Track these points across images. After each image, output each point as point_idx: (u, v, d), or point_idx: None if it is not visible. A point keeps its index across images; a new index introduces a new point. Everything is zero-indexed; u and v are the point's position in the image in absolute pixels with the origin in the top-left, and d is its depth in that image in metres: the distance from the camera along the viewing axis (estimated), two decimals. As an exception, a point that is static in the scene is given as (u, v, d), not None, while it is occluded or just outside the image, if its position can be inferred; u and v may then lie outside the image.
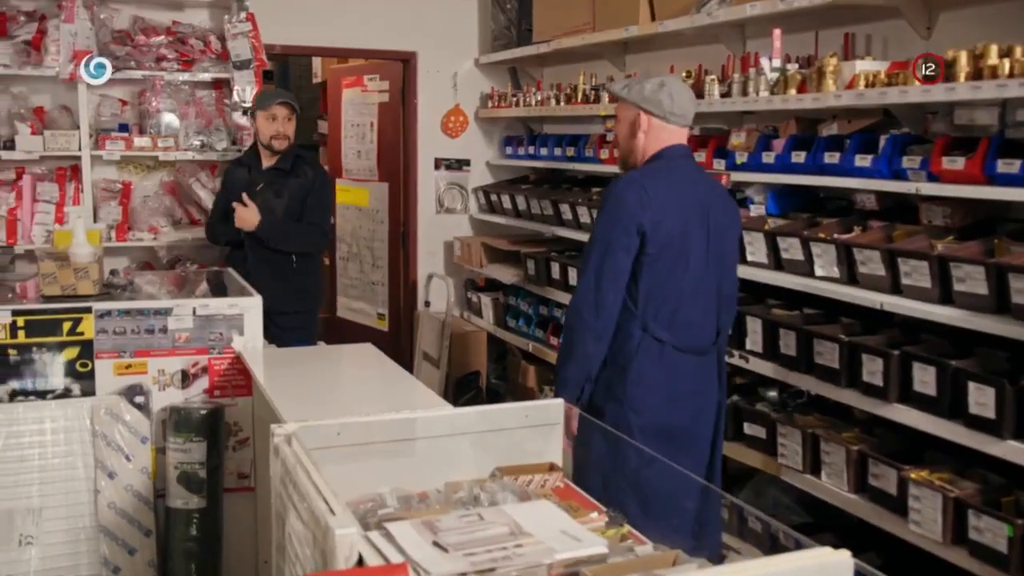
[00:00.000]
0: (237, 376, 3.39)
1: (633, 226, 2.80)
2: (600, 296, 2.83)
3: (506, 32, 5.74)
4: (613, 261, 2.82)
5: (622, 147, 3.04)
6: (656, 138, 2.94)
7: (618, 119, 3.04)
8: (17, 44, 4.87)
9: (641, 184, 2.84)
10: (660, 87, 2.92)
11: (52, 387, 3.19)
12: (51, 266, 3.17)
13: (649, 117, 2.93)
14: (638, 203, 2.81)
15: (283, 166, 4.53)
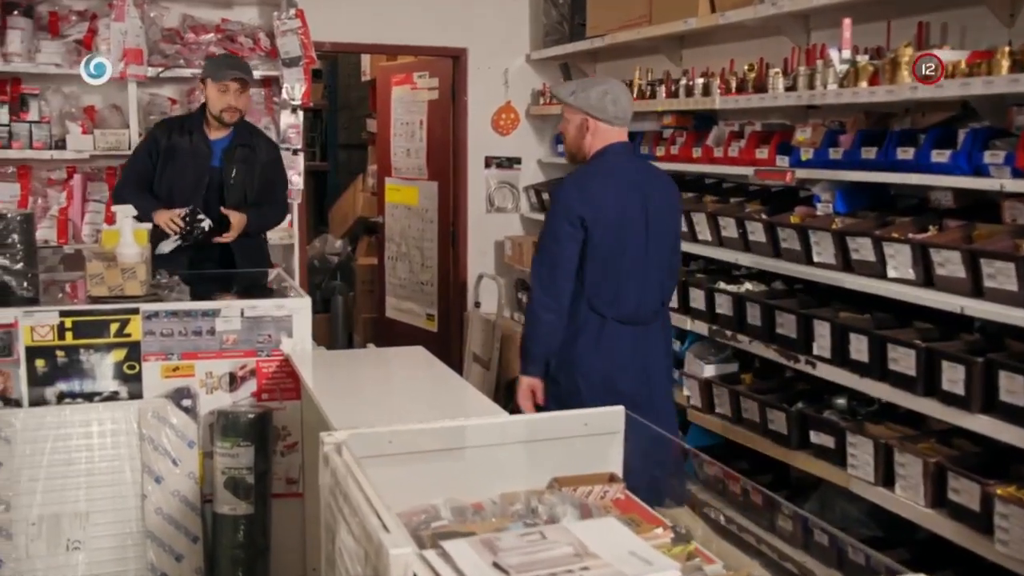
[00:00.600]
0: (285, 379, 3.31)
1: (576, 219, 3.18)
2: (554, 282, 3.21)
3: (558, 27, 5.61)
4: (561, 249, 3.20)
5: (571, 145, 3.37)
6: (601, 138, 3.28)
7: (566, 120, 3.34)
8: (68, 43, 4.85)
9: (581, 183, 3.25)
10: (604, 94, 3.26)
11: (99, 389, 3.14)
12: (98, 266, 3.11)
13: (596, 121, 3.26)
14: (578, 200, 3.20)
15: (247, 141, 4.23)
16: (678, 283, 3.94)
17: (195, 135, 4.19)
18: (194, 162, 4.17)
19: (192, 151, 4.16)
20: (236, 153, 4.21)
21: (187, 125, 4.24)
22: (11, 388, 3.05)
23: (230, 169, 4.18)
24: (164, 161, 4.16)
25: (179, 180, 4.15)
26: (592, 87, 3.28)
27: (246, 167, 4.22)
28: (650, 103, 4.63)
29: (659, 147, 4.74)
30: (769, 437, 3.60)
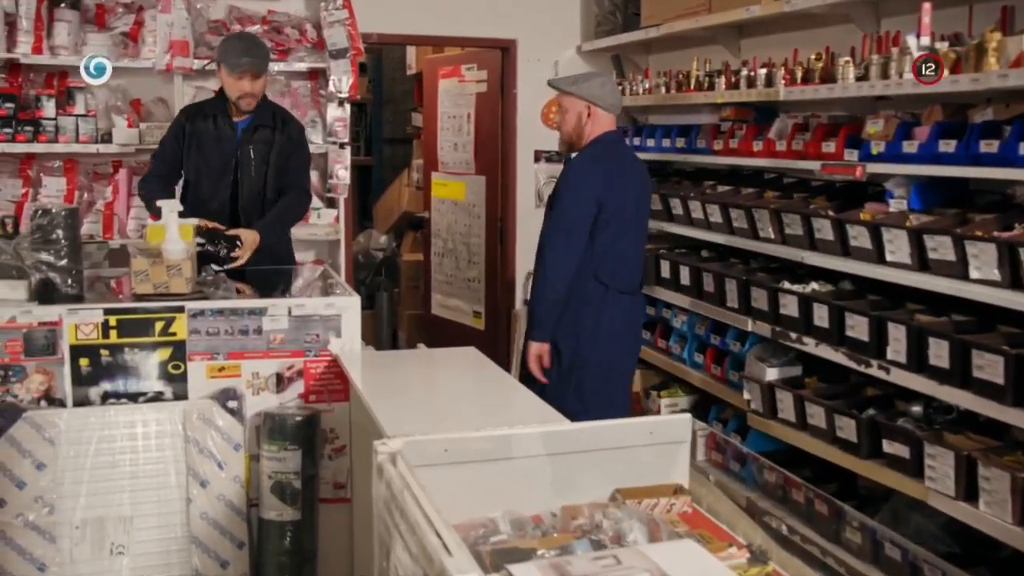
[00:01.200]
0: (334, 380, 3.21)
1: (594, 200, 3.55)
2: (569, 250, 3.55)
3: (610, 17, 5.45)
4: (578, 225, 3.55)
5: (569, 133, 3.70)
6: (600, 125, 3.66)
7: (565, 109, 3.68)
8: (115, 36, 4.79)
9: (601, 166, 3.59)
10: (603, 84, 3.68)
11: (144, 390, 3.05)
12: (143, 263, 3.02)
13: (597, 109, 3.63)
14: (600, 182, 3.55)
15: (265, 121, 4.04)
16: (739, 282, 4.00)
17: (219, 118, 4.02)
18: (219, 146, 4.02)
19: (216, 135, 4.02)
20: (255, 134, 4.03)
21: (209, 108, 4.07)
22: (55, 388, 2.98)
23: (247, 150, 4.01)
24: (190, 147, 4.02)
25: (205, 165, 4.02)
26: (591, 78, 3.70)
27: (265, 148, 4.03)
28: (708, 95, 4.46)
29: (717, 140, 4.57)
30: (837, 445, 3.43)
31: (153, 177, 4.05)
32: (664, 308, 4.76)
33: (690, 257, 4.60)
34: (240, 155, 4.01)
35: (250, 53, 3.89)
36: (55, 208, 2.96)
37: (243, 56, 3.87)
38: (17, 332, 2.93)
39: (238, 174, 4.01)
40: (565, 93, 3.67)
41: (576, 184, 3.58)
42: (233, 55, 3.88)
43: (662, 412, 4.76)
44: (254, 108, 3.98)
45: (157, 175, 4.05)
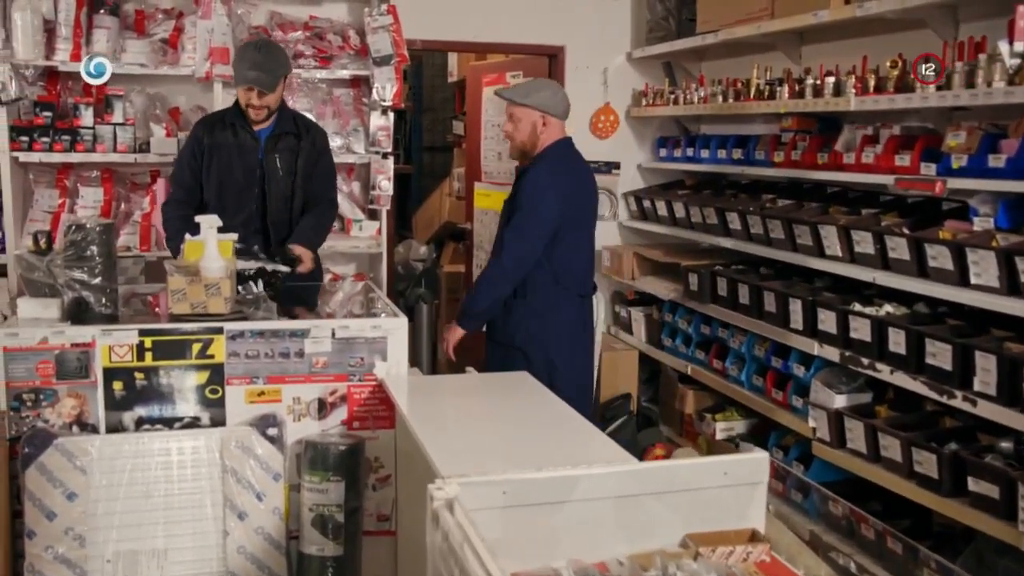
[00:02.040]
0: (379, 406, 3.04)
1: (556, 209, 3.64)
2: (525, 256, 3.64)
3: (663, 23, 5.25)
4: (540, 231, 3.63)
5: (524, 142, 3.76)
6: (552, 133, 3.75)
7: (518, 119, 3.73)
8: (154, 42, 4.66)
9: (561, 177, 3.69)
10: (555, 93, 3.78)
11: (180, 415, 2.90)
12: (180, 282, 2.86)
13: (550, 118, 3.72)
14: (561, 194, 3.65)
15: (288, 128, 3.87)
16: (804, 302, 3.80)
17: (239, 127, 3.83)
18: (240, 156, 3.84)
19: (237, 144, 3.83)
20: (279, 142, 3.86)
21: (228, 118, 3.88)
22: (88, 412, 2.83)
23: (272, 159, 3.84)
24: (210, 160, 3.83)
25: (227, 177, 3.83)
26: (542, 88, 3.79)
27: (290, 156, 3.87)
28: (769, 104, 4.24)
29: (777, 152, 4.35)
30: (915, 480, 3.19)
31: (173, 203, 3.89)
32: (720, 327, 4.54)
33: (748, 275, 4.37)
34: (265, 165, 3.85)
35: (258, 67, 3.69)
36: (89, 223, 2.82)
37: (250, 70, 3.69)
38: (49, 354, 2.79)
39: (264, 185, 3.85)
40: (519, 104, 3.72)
41: (540, 194, 3.63)
42: (241, 66, 3.72)
43: (717, 435, 4.54)
44: (273, 116, 3.86)
45: (177, 200, 3.89)
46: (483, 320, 3.76)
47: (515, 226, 3.64)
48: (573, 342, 3.80)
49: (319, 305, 3.57)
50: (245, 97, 3.75)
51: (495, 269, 3.67)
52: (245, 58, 3.74)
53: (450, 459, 2.32)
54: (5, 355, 2.77)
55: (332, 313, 3.68)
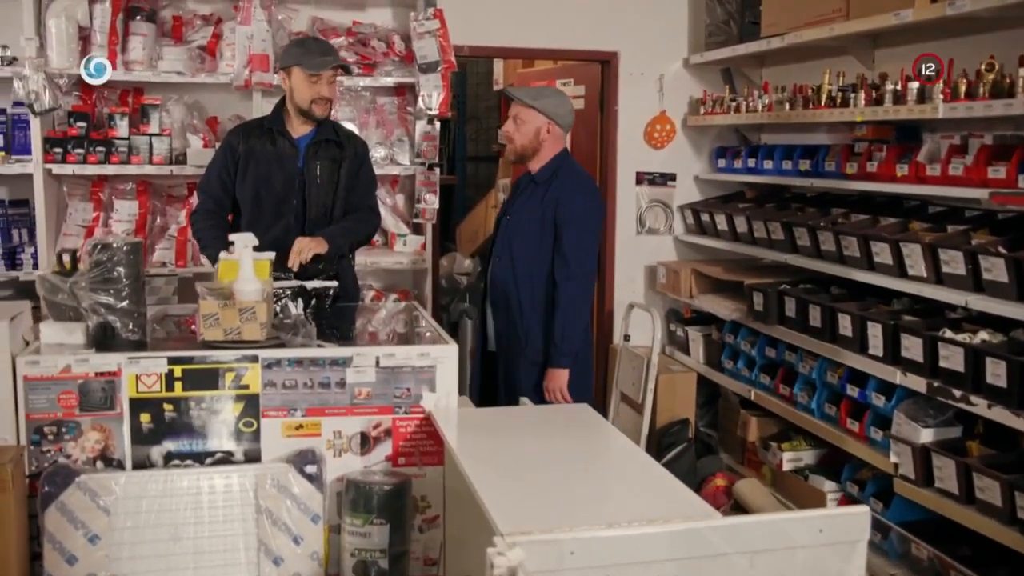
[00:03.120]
0: (426, 441, 2.79)
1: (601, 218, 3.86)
2: (593, 270, 3.70)
3: (723, 27, 4.97)
4: (597, 240, 3.75)
5: (524, 146, 3.66)
6: (555, 143, 3.68)
7: (523, 121, 3.64)
8: (192, 50, 4.48)
9: (592, 186, 3.79)
10: (563, 103, 3.68)
11: (211, 449, 2.67)
12: (213, 306, 2.64)
13: (556, 127, 3.65)
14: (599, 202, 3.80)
15: (329, 135, 3.66)
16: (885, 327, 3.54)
17: (277, 135, 3.62)
18: (279, 165, 3.61)
19: (276, 153, 3.61)
20: (320, 149, 3.64)
21: (266, 124, 3.67)
22: (113, 447, 2.61)
23: (313, 167, 3.62)
24: (245, 169, 3.61)
25: (265, 186, 3.60)
26: (551, 95, 3.70)
27: (332, 164, 3.65)
28: (843, 112, 3.94)
29: (849, 163, 4.05)
30: (1017, 527, 2.89)
31: (203, 212, 3.67)
32: (787, 350, 4.24)
33: (820, 295, 4.08)
34: (306, 173, 3.62)
35: (330, 52, 3.62)
36: (115, 242, 2.60)
37: (325, 55, 3.57)
38: (72, 383, 2.58)
39: (304, 194, 3.61)
40: (526, 106, 3.63)
41: (597, 208, 3.74)
42: (313, 55, 3.55)
43: (784, 466, 4.24)
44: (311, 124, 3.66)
45: (206, 210, 3.67)
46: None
47: (575, 242, 3.55)
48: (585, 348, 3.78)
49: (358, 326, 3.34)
50: (313, 92, 3.55)
51: (573, 294, 3.55)
52: (312, 48, 3.61)
53: (508, 509, 2.07)
54: (26, 384, 2.56)
55: (375, 333, 3.47)
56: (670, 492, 2.22)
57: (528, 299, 3.61)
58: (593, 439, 2.68)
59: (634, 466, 2.45)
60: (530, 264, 3.60)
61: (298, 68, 3.53)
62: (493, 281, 3.75)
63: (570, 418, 2.87)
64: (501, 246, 3.72)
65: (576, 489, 2.29)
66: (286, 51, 3.70)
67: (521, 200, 3.72)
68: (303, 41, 3.74)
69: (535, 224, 3.60)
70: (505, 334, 3.70)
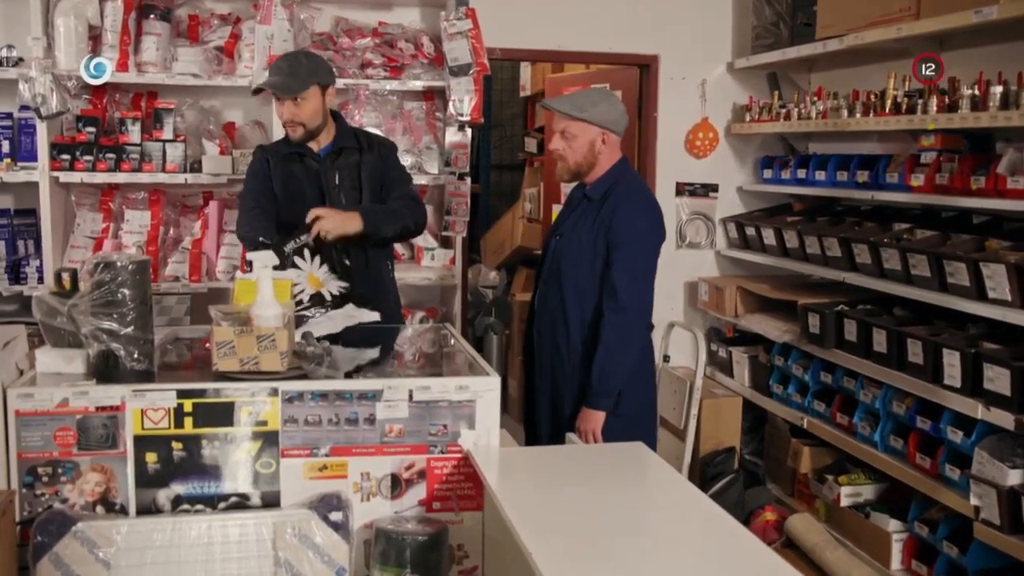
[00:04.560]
0: (464, 483, 2.50)
1: (660, 239, 3.28)
2: (648, 298, 3.24)
3: (772, 29, 4.67)
4: (653, 265, 3.25)
5: (579, 163, 3.25)
6: (613, 152, 3.28)
7: (573, 136, 3.22)
8: (208, 50, 4.21)
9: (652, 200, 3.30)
10: (614, 106, 3.26)
11: (224, 492, 2.38)
12: (228, 333, 2.36)
13: (611, 135, 3.24)
14: (657, 221, 3.27)
15: (347, 143, 3.40)
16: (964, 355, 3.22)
17: (302, 155, 3.37)
18: (308, 180, 3.37)
19: (304, 170, 3.38)
20: (338, 158, 3.39)
21: (284, 147, 3.42)
22: (114, 490, 2.33)
23: (332, 175, 3.37)
24: (283, 190, 3.38)
25: (297, 205, 3.28)
26: (600, 100, 3.25)
27: (352, 170, 3.40)
28: (911, 120, 3.63)
29: (914, 175, 3.74)
30: None
31: (249, 210, 3.35)
32: (845, 376, 3.92)
33: (882, 317, 3.77)
34: (326, 183, 3.35)
35: (279, 72, 3.24)
36: (120, 260, 2.32)
37: (271, 75, 3.27)
38: (69, 419, 2.30)
39: (325, 203, 3.30)
40: (574, 119, 3.20)
41: (655, 226, 3.25)
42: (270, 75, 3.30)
43: (842, 501, 3.92)
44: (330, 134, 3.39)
45: (255, 207, 3.35)
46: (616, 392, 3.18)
47: (626, 268, 3.13)
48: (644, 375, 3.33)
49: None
50: (278, 113, 3.33)
51: (619, 326, 3.12)
52: (272, 70, 3.33)
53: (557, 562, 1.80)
54: (18, 420, 2.28)
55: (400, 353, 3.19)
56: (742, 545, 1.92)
57: (578, 330, 3.20)
58: (651, 483, 2.39)
59: (697, 513, 2.15)
60: (581, 291, 3.19)
61: None
62: (540, 308, 3.36)
63: (625, 459, 2.56)
64: (550, 270, 3.32)
65: (635, 542, 2.00)
66: None
67: (573, 218, 3.29)
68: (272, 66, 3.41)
69: (587, 246, 3.18)
70: (552, 367, 3.31)
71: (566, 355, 3.24)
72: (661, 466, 2.48)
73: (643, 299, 3.19)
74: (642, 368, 3.28)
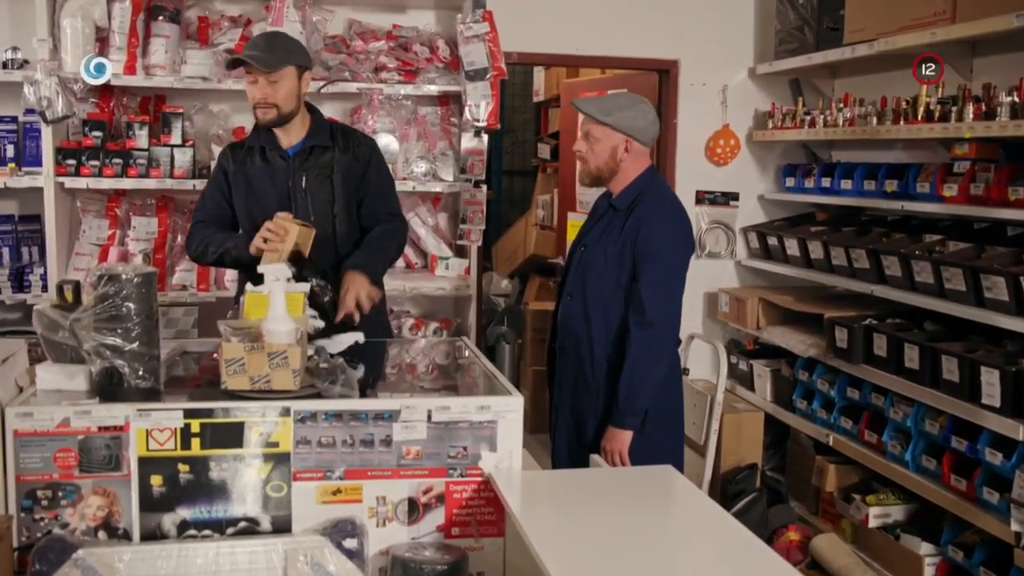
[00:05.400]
0: (485, 508, 2.38)
1: (689, 252, 3.16)
2: (676, 313, 3.09)
3: (796, 34, 4.55)
4: (682, 279, 3.12)
5: (599, 168, 3.13)
6: (639, 161, 3.14)
7: (596, 139, 3.11)
8: (218, 53, 4.10)
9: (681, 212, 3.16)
10: (644, 113, 3.12)
11: (233, 517, 2.26)
12: (238, 349, 2.24)
13: (636, 143, 3.11)
14: (686, 232, 3.14)
15: (321, 140, 3.13)
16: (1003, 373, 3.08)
17: (267, 148, 3.12)
18: (273, 182, 3.12)
19: (268, 170, 3.12)
20: (309, 158, 3.12)
21: (254, 141, 3.16)
22: (118, 514, 2.21)
23: (300, 179, 3.11)
24: (237, 192, 3.15)
25: (259, 208, 3.08)
26: (629, 106, 3.12)
27: (323, 171, 3.12)
28: (945, 128, 3.51)
29: (947, 185, 3.62)
30: None
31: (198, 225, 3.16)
32: (873, 392, 3.79)
33: (913, 332, 3.64)
34: (292, 186, 3.11)
35: (254, 46, 3.01)
36: (125, 273, 2.20)
37: (247, 49, 3.02)
38: (70, 439, 2.18)
39: (293, 210, 3.06)
40: (599, 123, 3.10)
41: (681, 239, 3.12)
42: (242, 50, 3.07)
43: (870, 522, 3.79)
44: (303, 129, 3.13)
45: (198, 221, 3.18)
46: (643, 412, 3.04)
47: (653, 281, 2.99)
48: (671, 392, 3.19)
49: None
50: (249, 93, 3.04)
51: (647, 342, 2.98)
52: (248, 42, 3.10)
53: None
54: (16, 440, 2.17)
55: (413, 365, 3.06)
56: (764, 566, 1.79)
57: (602, 346, 3.06)
58: (680, 509, 2.26)
59: (731, 546, 2.03)
60: (607, 305, 3.06)
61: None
62: (563, 322, 3.21)
63: (653, 483, 2.44)
64: (574, 282, 3.17)
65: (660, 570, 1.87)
66: None
67: (599, 229, 3.15)
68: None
69: (613, 258, 3.05)
70: (574, 384, 3.17)
71: (590, 371, 3.11)
72: (690, 491, 2.36)
73: (671, 313, 3.06)
74: (669, 385, 3.14)
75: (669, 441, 3.17)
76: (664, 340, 3.04)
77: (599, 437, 3.07)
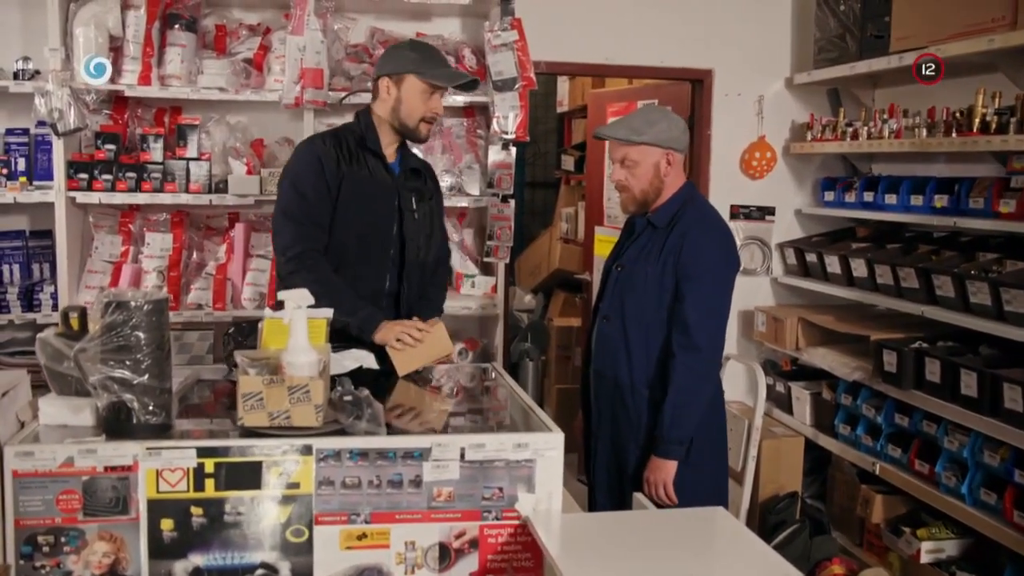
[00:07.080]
0: (522, 554, 2.20)
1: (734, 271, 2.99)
2: (721, 335, 2.94)
3: (836, 42, 4.35)
4: (728, 300, 2.95)
5: (645, 191, 2.97)
6: (678, 175, 3.01)
7: (635, 163, 2.94)
8: (236, 63, 3.94)
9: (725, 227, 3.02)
10: (675, 123, 2.98)
11: (250, 564, 2.09)
12: (256, 383, 2.06)
13: (676, 154, 2.98)
14: (729, 250, 2.98)
15: (413, 162, 3.03)
16: None
17: (371, 157, 2.90)
18: (382, 196, 2.89)
19: (374, 181, 2.88)
20: (408, 179, 2.99)
21: (355, 141, 2.91)
22: (125, 561, 2.04)
23: (409, 200, 2.95)
24: (344, 196, 2.83)
25: (369, 224, 2.86)
26: (657, 119, 2.96)
27: (418, 196, 3.00)
28: (1004, 140, 3.31)
29: (1003, 200, 3.42)
30: None
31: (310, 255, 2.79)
32: (925, 420, 3.59)
33: (967, 356, 3.44)
34: (402, 206, 2.93)
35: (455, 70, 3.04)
36: (135, 300, 2.04)
37: (446, 66, 3.00)
38: (74, 480, 2.02)
39: (403, 234, 2.92)
40: (634, 144, 2.92)
41: (729, 257, 2.98)
42: (437, 63, 2.93)
43: (922, 557, 3.58)
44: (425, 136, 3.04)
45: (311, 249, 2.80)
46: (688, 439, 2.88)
47: (698, 302, 2.83)
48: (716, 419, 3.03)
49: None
50: (427, 107, 2.90)
51: (693, 366, 2.82)
52: (432, 55, 2.96)
53: None
54: (16, 482, 2.00)
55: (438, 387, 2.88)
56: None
57: (643, 370, 2.90)
58: (732, 557, 2.07)
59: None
60: (647, 328, 2.90)
61: (415, 77, 2.87)
62: (600, 346, 3.02)
63: (702, 526, 2.25)
64: (611, 303, 3.01)
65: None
66: (395, 55, 2.95)
67: (636, 247, 2.99)
68: (418, 45, 3.04)
69: (653, 278, 2.89)
70: (613, 411, 2.99)
71: (630, 397, 2.93)
72: (742, 535, 2.16)
73: (717, 336, 2.90)
74: (714, 411, 2.96)
75: (715, 471, 2.98)
76: (710, 364, 2.89)
77: (641, 468, 2.89)
